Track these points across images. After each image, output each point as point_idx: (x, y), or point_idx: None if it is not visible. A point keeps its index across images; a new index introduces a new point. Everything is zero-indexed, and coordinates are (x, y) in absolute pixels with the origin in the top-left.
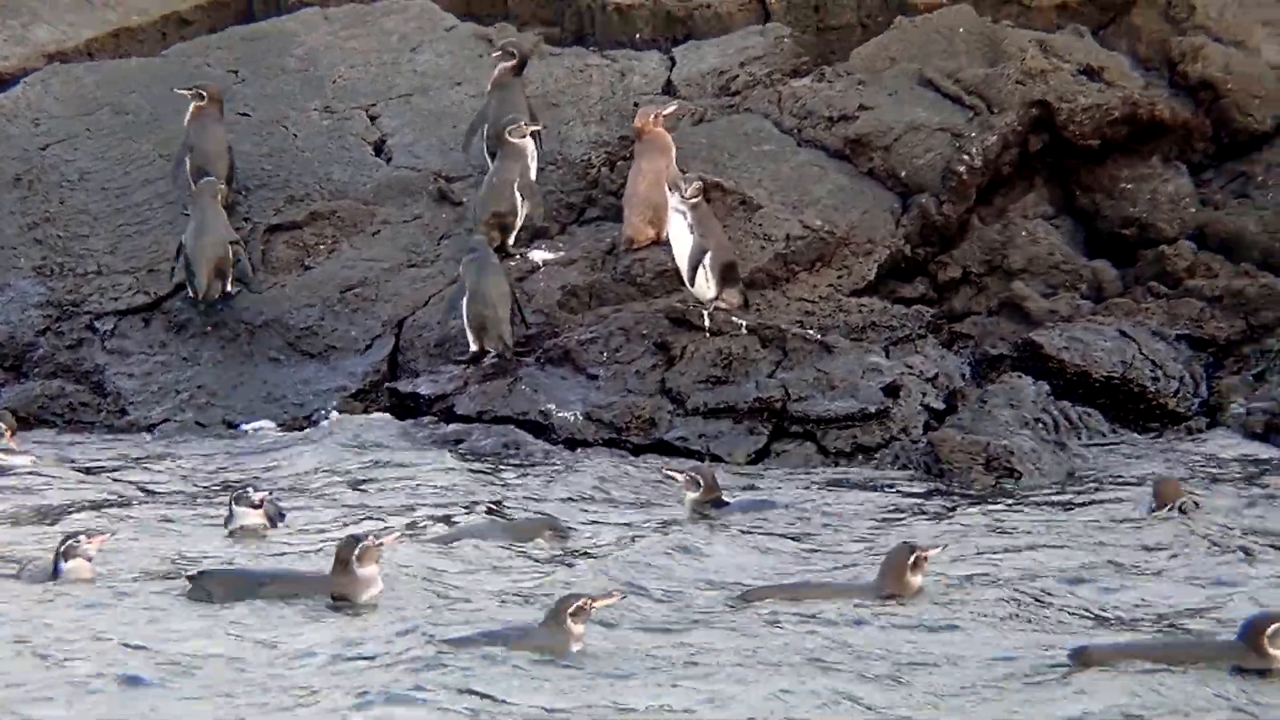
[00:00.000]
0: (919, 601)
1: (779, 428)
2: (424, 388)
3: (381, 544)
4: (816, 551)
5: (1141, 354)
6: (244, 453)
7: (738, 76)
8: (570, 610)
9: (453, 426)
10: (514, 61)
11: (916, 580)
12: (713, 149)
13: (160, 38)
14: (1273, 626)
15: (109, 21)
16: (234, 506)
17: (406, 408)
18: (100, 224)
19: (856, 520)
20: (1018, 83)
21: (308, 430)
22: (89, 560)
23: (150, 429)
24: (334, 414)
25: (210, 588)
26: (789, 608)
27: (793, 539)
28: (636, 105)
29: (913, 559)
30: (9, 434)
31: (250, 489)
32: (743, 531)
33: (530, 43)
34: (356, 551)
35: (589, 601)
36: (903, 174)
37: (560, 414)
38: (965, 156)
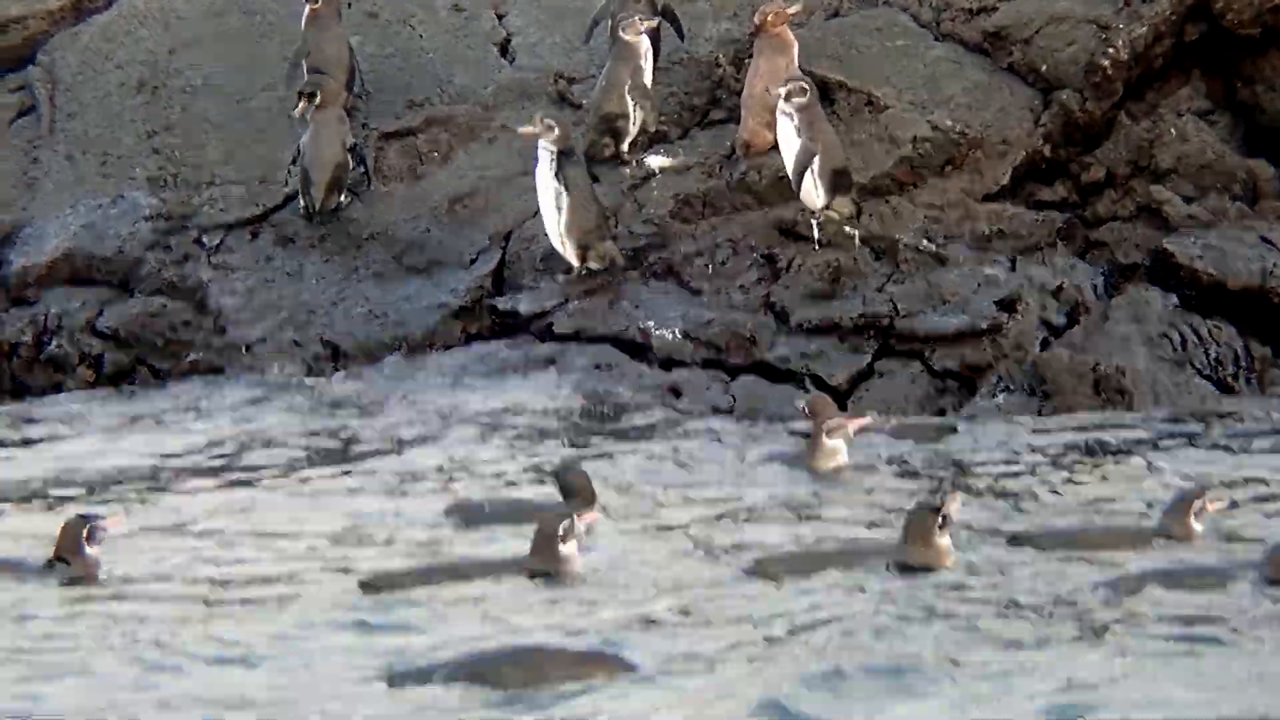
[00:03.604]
0: None
1: (885, 346)
2: (524, 305)
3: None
4: None
5: None
6: None
7: None
8: None
9: (547, 347)
10: None
11: None
12: (842, 45)
13: None
14: None
15: None
16: None
17: (506, 326)
18: (218, 132)
19: None
20: None
21: None
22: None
23: (247, 348)
24: None
25: None
26: None
27: None
28: None
29: None
30: None
31: None
32: None
33: None
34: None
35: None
36: (1044, 68)
37: (658, 332)
38: (1111, 49)
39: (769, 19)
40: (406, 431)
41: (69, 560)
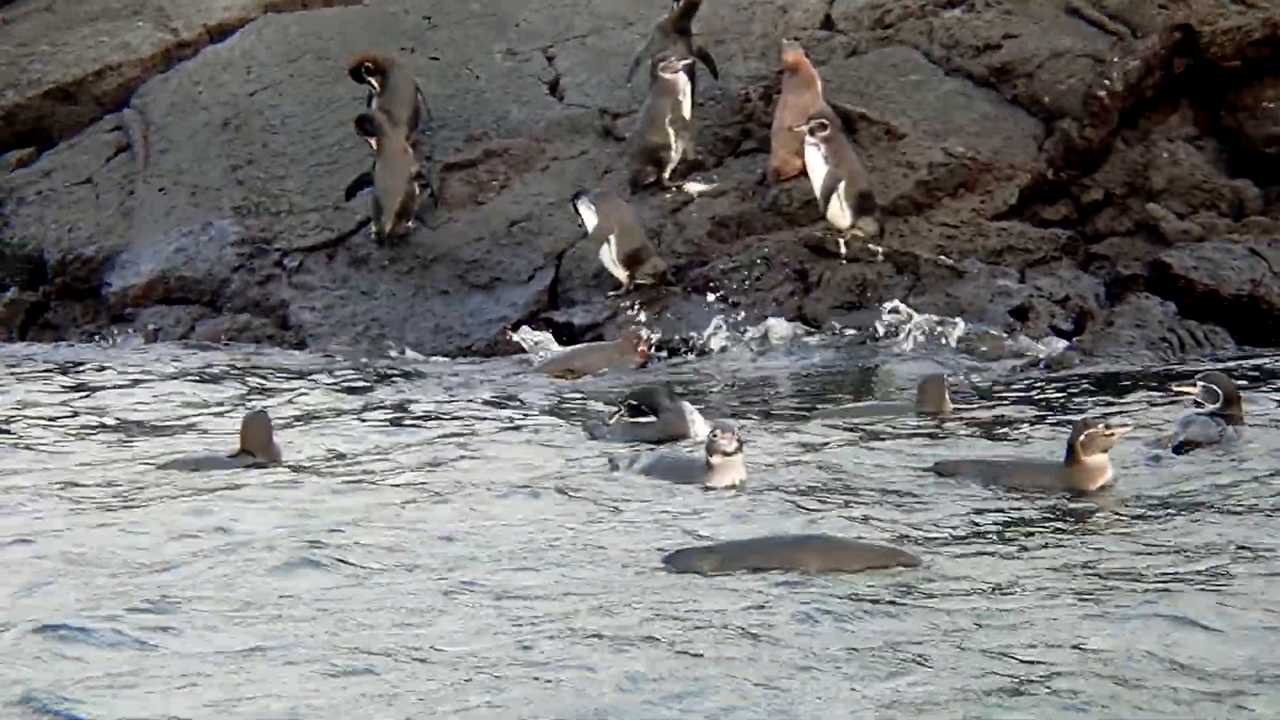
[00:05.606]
0: None
1: None
2: (577, 317)
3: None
4: None
5: (1272, 272)
6: None
7: (892, 10)
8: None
9: None
10: (680, 4)
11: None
12: (862, 80)
13: None
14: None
15: None
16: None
17: (561, 337)
18: (295, 165)
19: None
20: (1161, 7)
21: None
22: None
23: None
24: None
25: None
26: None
27: None
28: (795, 40)
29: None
30: None
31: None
32: None
33: None
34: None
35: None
36: (1045, 100)
37: (701, 340)
38: (1106, 81)
39: (797, 56)
40: None
41: (254, 452)
